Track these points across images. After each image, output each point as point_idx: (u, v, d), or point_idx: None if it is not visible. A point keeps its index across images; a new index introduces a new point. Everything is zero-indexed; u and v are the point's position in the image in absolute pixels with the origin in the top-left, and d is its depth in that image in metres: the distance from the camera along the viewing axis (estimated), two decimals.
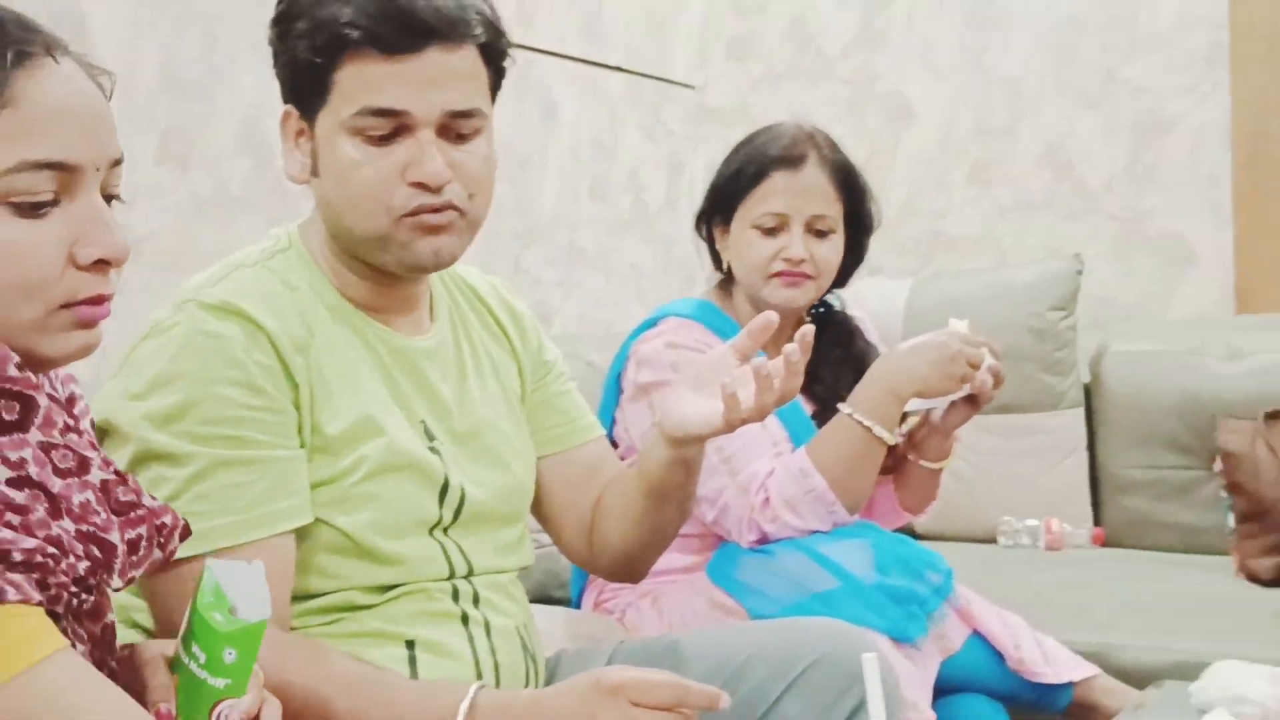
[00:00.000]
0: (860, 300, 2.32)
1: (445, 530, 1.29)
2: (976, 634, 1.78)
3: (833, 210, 1.86)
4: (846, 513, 1.75)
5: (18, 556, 0.82)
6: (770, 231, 1.85)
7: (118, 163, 0.95)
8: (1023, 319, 2.72)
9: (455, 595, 1.29)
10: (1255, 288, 3.01)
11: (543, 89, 2.99)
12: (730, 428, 1.28)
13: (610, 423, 1.88)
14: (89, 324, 0.92)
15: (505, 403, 1.41)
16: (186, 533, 0.98)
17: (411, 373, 1.31)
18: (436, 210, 1.23)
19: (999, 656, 1.78)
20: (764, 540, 1.76)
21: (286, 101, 1.27)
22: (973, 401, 1.76)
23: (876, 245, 3.39)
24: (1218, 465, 2.44)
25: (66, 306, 0.91)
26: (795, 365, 1.26)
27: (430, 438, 1.30)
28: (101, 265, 0.91)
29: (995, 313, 2.70)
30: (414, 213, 1.22)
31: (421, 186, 1.22)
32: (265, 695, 0.98)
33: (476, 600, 1.30)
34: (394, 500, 1.24)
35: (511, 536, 1.38)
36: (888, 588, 1.69)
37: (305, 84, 1.24)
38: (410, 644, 1.23)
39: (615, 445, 1.84)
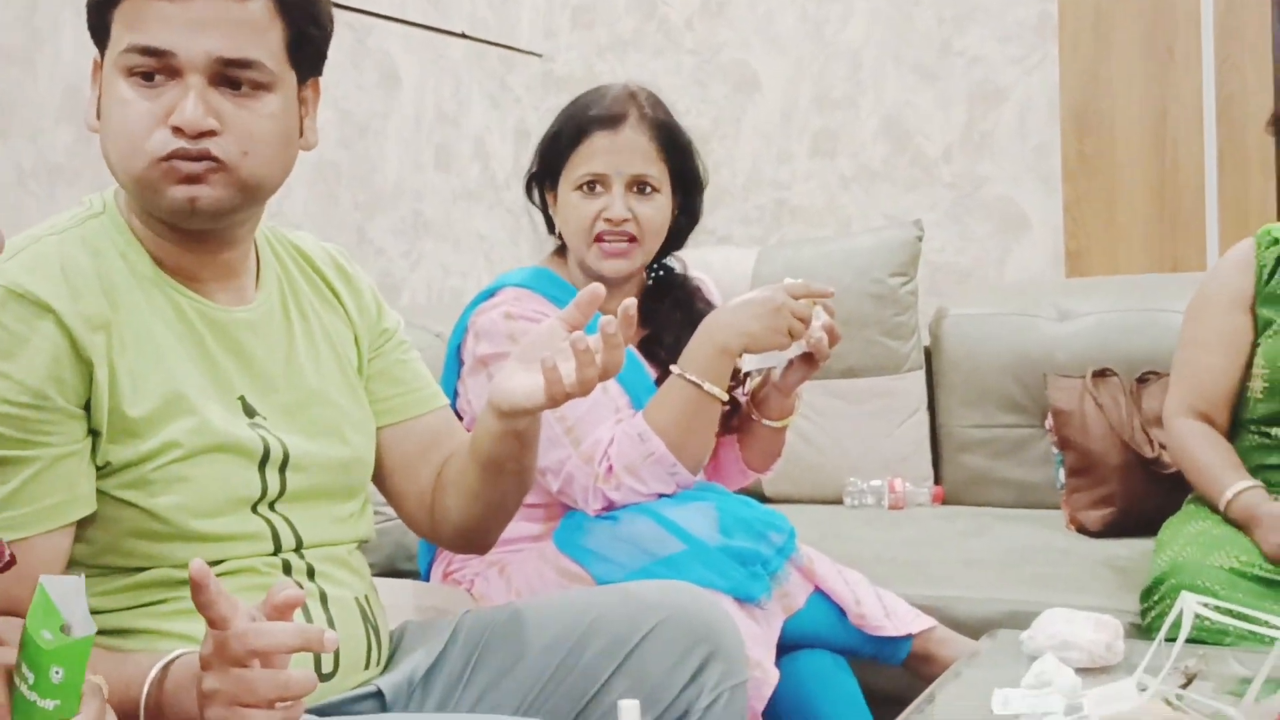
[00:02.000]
0: (707, 268, 2.34)
1: (272, 505, 1.26)
2: (819, 591, 1.82)
3: (655, 169, 1.86)
4: (688, 473, 1.77)
5: None
6: (592, 192, 1.84)
7: None
8: (865, 285, 2.78)
9: (287, 568, 1.26)
10: (1083, 251, 3.13)
11: (382, 55, 2.93)
12: (553, 402, 1.26)
13: (453, 395, 1.87)
14: None
15: (340, 372, 1.38)
16: None
17: (231, 346, 1.27)
18: (192, 159, 1.18)
19: (841, 612, 1.82)
20: (610, 508, 1.76)
21: None
22: (810, 360, 1.79)
23: (724, 215, 3.45)
24: (1049, 422, 2.53)
25: None
26: (614, 339, 1.24)
27: (250, 414, 1.27)
28: None
29: (839, 279, 2.75)
30: (168, 158, 1.18)
31: (179, 132, 1.17)
32: (107, 712, 0.94)
33: (311, 573, 1.27)
34: (207, 480, 1.20)
35: (350, 509, 1.35)
36: (732, 549, 1.71)
37: (94, 24, 1.22)
38: None
39: (460, 418, 1.83)
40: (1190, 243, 3.04)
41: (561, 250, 1.95)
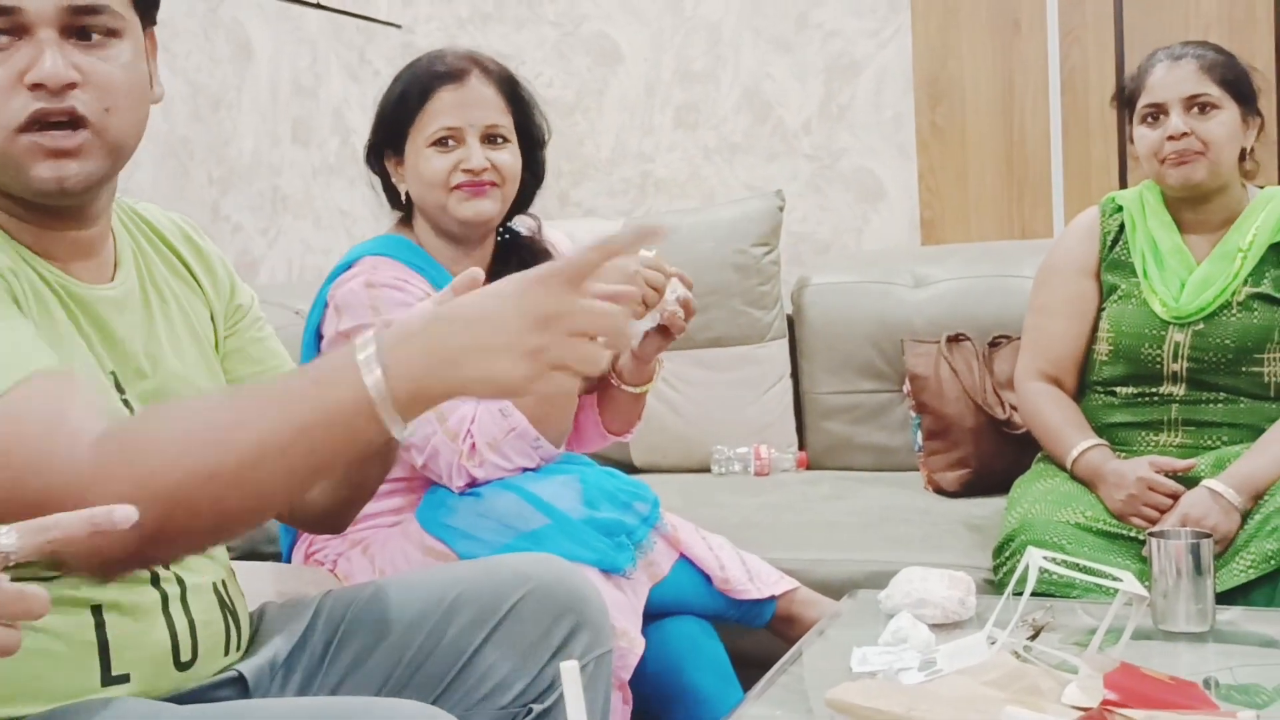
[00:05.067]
0: (574, 241, 2.34)
1: None
2: (684, 558, 1.84)
3: (504, 120, 1.87)
4: (551, 447, 1.77)
5: None
6: (446, 147, 1.83)
7: None
8: (729, 255, 2.81)
9: None
10: (937, 219, 3.21)
11: (235, 26, 2.85)
12: None
13: None
14: None
15: (198, 352, 1.34)
16: None
17: (99, 325, 1.22)
18: (60, 125, 1.12)
19: (706, 578, 1.85)
20: (474, 484, 1.76)
21: None
22: (665, 332, 1.81)
23: (589, 188, 3.45)
24: (906, 387, 2.60)
25: None
26: None
27: (120, 391, 1.23)
28: None
29: (703, 250, 2.79)
30: (34, 124, 1.12)
31: (40, 88, 1.11)
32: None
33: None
34: None
35: None
36: (597, 521, 1.72)
37: None
38: (97, 609, 1.16)
39: None
40: (1038, 210, 3.14)
41: (406, 220, 1.94)
